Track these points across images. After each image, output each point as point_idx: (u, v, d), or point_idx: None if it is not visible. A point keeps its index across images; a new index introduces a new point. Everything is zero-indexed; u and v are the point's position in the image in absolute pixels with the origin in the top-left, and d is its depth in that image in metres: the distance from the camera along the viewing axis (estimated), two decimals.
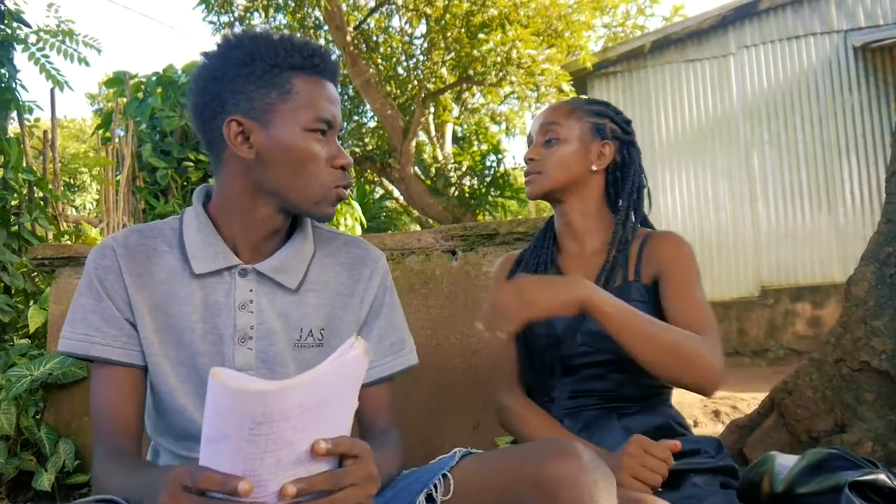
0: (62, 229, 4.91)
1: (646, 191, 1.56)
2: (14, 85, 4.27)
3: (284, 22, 9.81)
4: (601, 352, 1.37)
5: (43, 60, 4.50)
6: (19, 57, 4.50)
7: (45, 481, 2.39)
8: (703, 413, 3.99)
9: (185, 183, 5.51)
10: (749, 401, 3.92)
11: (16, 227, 4.25)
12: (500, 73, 8.10)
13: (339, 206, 6.38)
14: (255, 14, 9.57)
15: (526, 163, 1.55)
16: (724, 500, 1.29)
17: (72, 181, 12.64)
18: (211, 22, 9.51)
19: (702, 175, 7.75)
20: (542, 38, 8.47)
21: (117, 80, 5.79)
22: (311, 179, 1.12)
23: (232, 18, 9.48)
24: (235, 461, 0.77)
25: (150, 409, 1.21)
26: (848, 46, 7.41)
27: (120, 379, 1.12)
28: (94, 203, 12.90)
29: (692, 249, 1.47)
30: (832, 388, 2.21)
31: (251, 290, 1.16)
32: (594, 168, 1.52)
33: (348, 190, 1.17)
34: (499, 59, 7.97)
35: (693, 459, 1.33)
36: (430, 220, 10.74)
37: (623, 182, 1.55)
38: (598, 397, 1.39)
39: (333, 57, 1.16)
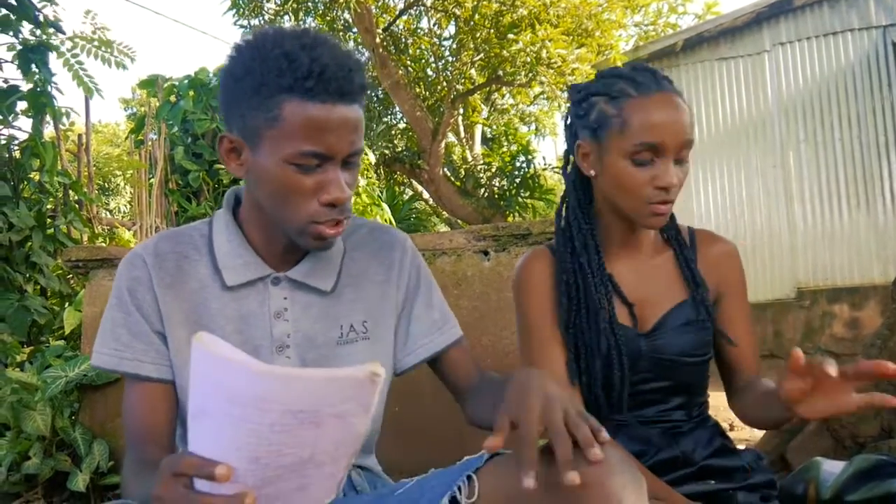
0: (96, 232, 4.99)
1: None
2: (49, 90, 4.34)
3: (314, 24, 9.86)
4: (663, 378, 1.31)
5: (76, 67, 4.57)
6: (54, 63, 4.58)
7: (79, 482, 2.41)
8: None
9: (217, 185, 5.56)
10: None
11: (51, 230, 4.33)
12: (530, 74, 8.03)
13: (369, 209, 6.39)
14: (286, 17, 9.64)
15: (655, 188, 1.23)
16: None
17: (105, 185, 12.85)
18: (241, 26, 9.59)
19: (736, 174, 7.62)
20: (572, 37, 8.40)
21: (150, 82, 5.87)
22: (292, 212, 1.03)
23: (262, 22, 9.55)
24: (216, 443, 0.73)
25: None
26: (887, 42, 7.23)
27: (149, 393, 1.10)
28: (128, 206, 13.10)
29: None
30: (878, 392, 2.14)
31: (285, 298, 1.14)
32: None
33: (337, 227, 1.05)
34: (528, 60, 7.91)
35: (733, 478, 1.30)
36: (460, 222, 10.71)
37: None
38: (652, 420, 1.33)
39: (343, 72, 1.00)
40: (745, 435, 3.48)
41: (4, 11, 4.15)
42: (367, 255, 1.22)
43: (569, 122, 1.37)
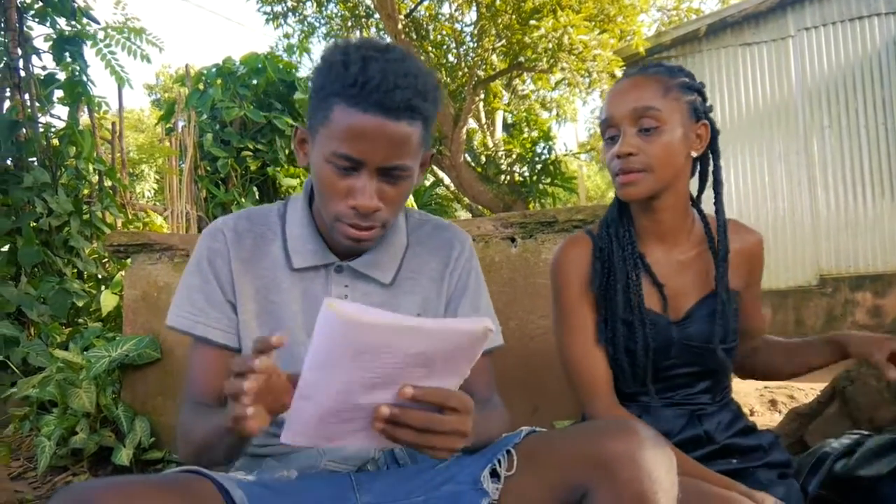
0: (129, 217, 5.11)
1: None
2: (85, 79, 4.45)
3: (336, 11, 9.89)
4: (691, 364, 1.38)
5: (109, 57, 4.67)
6: (87, 53, 4.70)
7: (123, 456, 2.52)
8: (759, 402, 3.96)
9: (245, 172, 5.66)
10: (806, 391, 3.87)
11: (87, 216, 4.44)
12: (552, 60, 8.01)
13: None
14: (308, 4, 9.69)
15: (616, 159, 1.31)
16: (786, 490, 1.32)
17: (132, 170, 13.00)
18: (265, 13, 9.65)
19: (759, 161, 7.60)
20: (594, 23, 8.38)
21: (181, 78, 5.99)
22: (326, 206, 1.13)
23: (285, 8, 9.60)
24: (333, 387, 0.81)
25: None
26: None
27: (215, 357, 1.19)
28: (153, 192, 13.28)
29: None
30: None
31: (346, 286, 1.22)
32: (693, 155, 1.34)
33: (363, 231, 1.12)
34: (550, 46, 7.88)
35: (753, 457, 1.37)
36: (481, 208, 10.75)
37: (714, 167, 1.40)
38: (678, 402, 1.40)
39: (386, 87, 1.03)
40: (765, 420, 3.53)
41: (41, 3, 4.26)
42: (428, 252, 1.29)
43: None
